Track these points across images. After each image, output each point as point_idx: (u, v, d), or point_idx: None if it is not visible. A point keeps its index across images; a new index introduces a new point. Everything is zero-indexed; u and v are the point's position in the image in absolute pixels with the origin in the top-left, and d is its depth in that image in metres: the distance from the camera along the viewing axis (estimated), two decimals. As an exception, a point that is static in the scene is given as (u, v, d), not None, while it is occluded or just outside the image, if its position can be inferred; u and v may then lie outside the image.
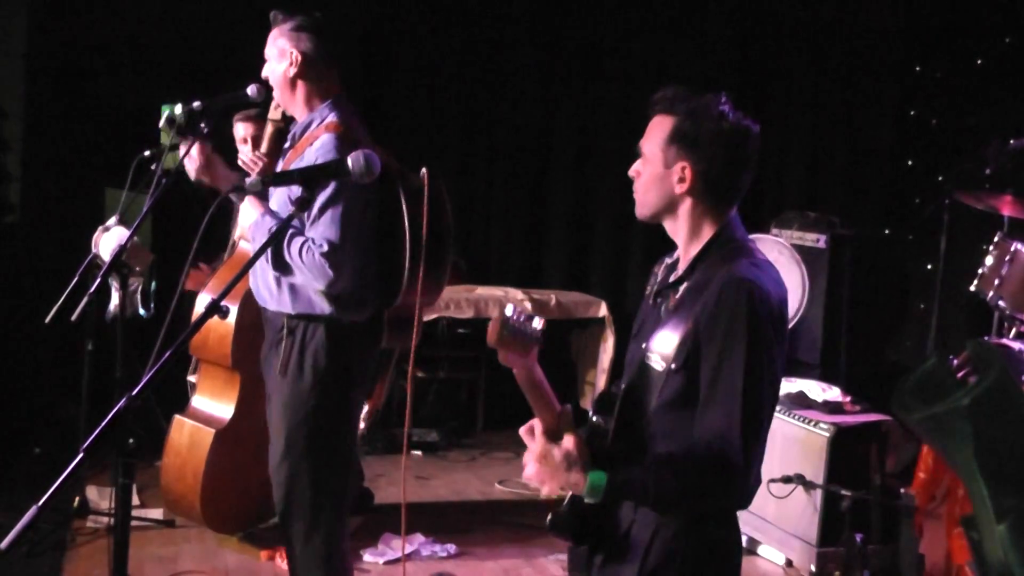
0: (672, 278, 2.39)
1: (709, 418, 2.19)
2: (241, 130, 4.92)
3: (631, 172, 2.40)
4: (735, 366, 2.18)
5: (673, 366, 2.25)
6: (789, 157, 7.91)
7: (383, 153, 3.44)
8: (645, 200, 2.38)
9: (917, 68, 7.46)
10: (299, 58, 3.55)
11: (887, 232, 7.44)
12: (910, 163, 7.55)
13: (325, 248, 3.37)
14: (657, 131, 2.36)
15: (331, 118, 3.54)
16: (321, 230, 3.40)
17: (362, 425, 3.80)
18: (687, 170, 2.32)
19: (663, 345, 2.29)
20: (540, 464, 2.24)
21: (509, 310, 2.39)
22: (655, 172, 2.35)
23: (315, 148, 3.45)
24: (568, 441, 2.24)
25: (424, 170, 3.67)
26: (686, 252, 2.39)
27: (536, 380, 2.51)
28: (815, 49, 7.75)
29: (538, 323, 2.42)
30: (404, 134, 7.46)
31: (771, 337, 2.22)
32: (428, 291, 3.73)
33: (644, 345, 2.35)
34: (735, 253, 2.31)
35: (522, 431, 2.31)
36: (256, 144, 4.69)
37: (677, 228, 2.39)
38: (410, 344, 3.69)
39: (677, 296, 2.35)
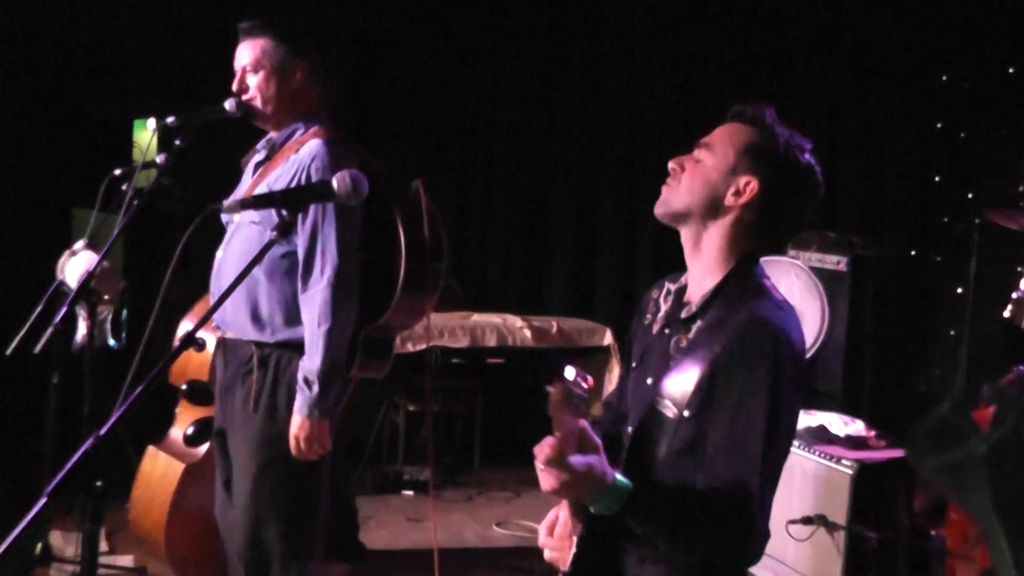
0: (684, 313, 2.37)
1: (724, 468, 2.18)
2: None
3: (677, 162, 2.38)
4: (755, 416, 2.17)
5: (686, 413, 2.24)
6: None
7: (372, 159, 3.46)
8: (688, 191, 2.35)
9: (944, 78, 7.46)
10: (304, 70, 3.59)
11: (913, 254, 7.43)
12: (936, 179, 7.55)
13: (332, 277, 3.39)
14: (738, 136, 2.35)
15: (316, 126, 3.58)
16: (320, 258, 3.41)
17: None
18: (751, 185, 2.31)
19: (676, 389, 2.27)
20: (575, 478, 2.10)
21: (570, 373, 2.20)
22: (718, 169, 2.33)
23: (303, 154, 3.46)
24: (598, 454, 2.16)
25: (418, 181, 3.67)
26: (699, 279, 2.37)
27: (576, 437, 2.19)
28: (833, 58, 7.76)
29: (588, 383, 2.25)
30: (394, 149, 7.48)
31: (792, 385, 2.21)
32: (420, 310, 3.73)
33: (653, 387, 2.33)
34: (755, 291, 2.30)
35: (540, 451, 2.16)
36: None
37: (700, 240, 2.36)
38: (383, 372, 3.69)
39: (690, 335, 2.33)
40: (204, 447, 4.70)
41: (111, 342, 4.82)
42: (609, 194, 7.85)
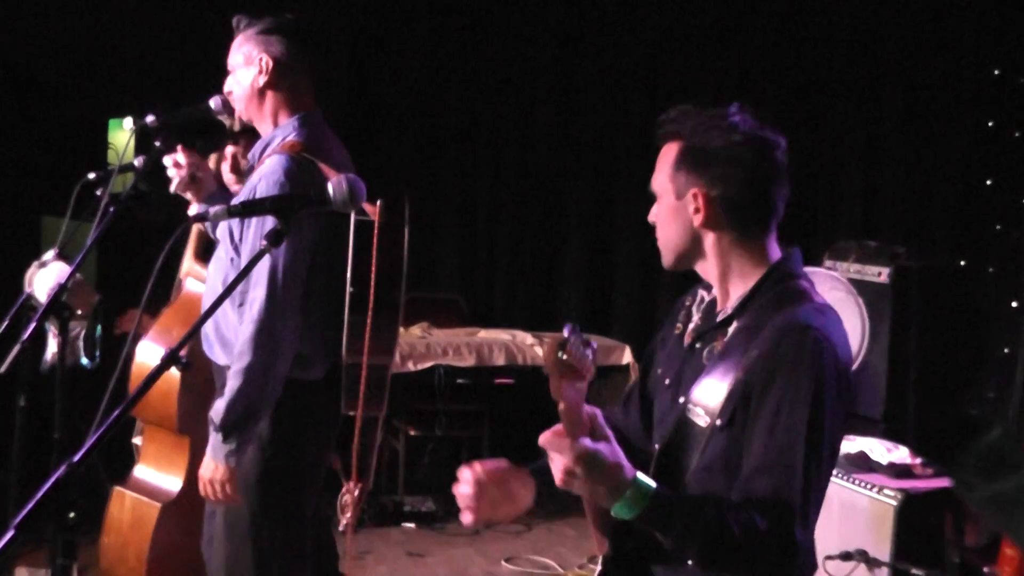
0: (719, 318, 2.38)
1: (761, 484, 2.16)
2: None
3: (650, 218, 2.42)
4: (796, 425, 2.16)
5: (719, 422, 2.24)
6: (844, 178, 7.91)
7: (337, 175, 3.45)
8: (666, 244, 2.39)
9: (996, 72, 7.46)
10: (269, 64, 3.57)
11: (962, 264, 7.41)
12: (988, 183, 7.54)
13: (260, 311, 3.37)
14: (664, 160, 2.37)
15: (293, 136, 3.54)
16: (253, 287, 3.40)
17: (346, 516, 3.75)
18: (700, 197, 2.31)
19: (708, 397, 2.27)
20: (580, 465, 2.10)
21: (567, 330, 2.22)
22: (668, 207, 2.36)
23: (262, 170, 3.45)
24: (610, 443, 2.15)
25: (379, 202, 3.61)
26: (727, 291, 2.38)
27: (583, 416, 2.26)
28: (872, 54, 7.76)
29: (591, 349, 2.23)
30: (396, 153, 7.51)
31: (836, 394, 2.19)
32: (376, 350, 3.60)
33: (683, 398, 2.33)
34: (794, 295, 2.30)
35: (545, 437, 2.18)
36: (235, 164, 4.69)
37: (709, 269, 2.39)
38: (379, 410, 3.65)
39: (725, 339, 2.34)
40: (177, 486, 4.69)
41: (84, 361, 4.82)
42: (627, 199, 7.86)
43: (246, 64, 3.60)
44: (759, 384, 2.20)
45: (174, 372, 4.35)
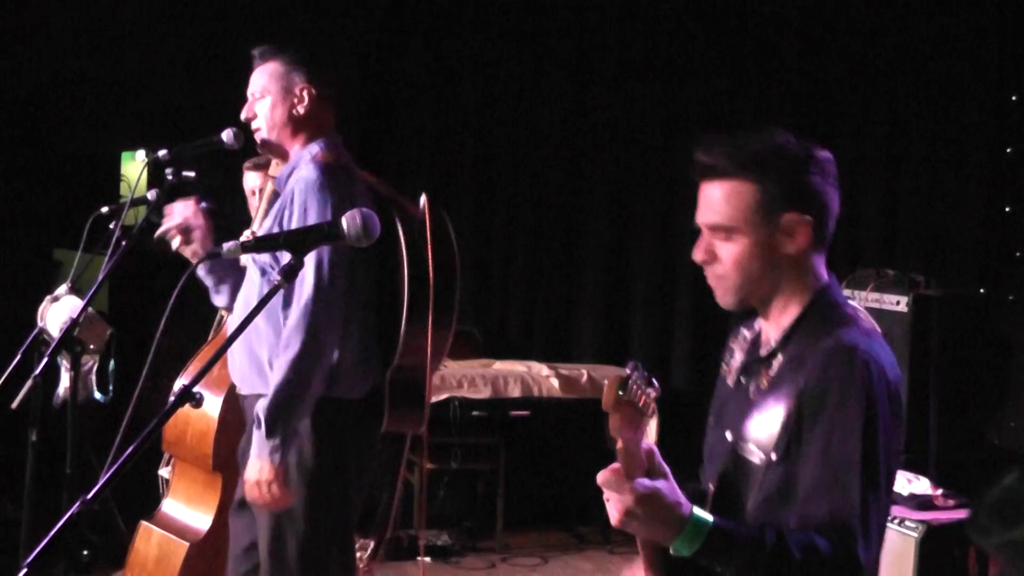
0: (763, 352, 2.37)
1: (818, 509, 2.15)
2: (251, 180, 4.92)
3: (703, 255, 2.37)
4: (849, 446, 2.15)
5: (774, 456, 2.23)
6: (862, 204, 7.89)
7: (378, 182, 3.47)
8: (741, 282, 2.35)
9: (1014, 97, 7.45)
10: (312, 93, 3.61)
11: (982, 292, 7.40)
12: (1007, 210, 7.53)
13: (308, 302, 3.39)
14: (734, 198, 2.33)
15: (319, 153, 3.59)
16: (299, 284, 3.41)
17: (362, 568, 3.77)
18: (803, 222, 2.31)
19: (759, 432, 2.27)
20: (639, 505, 2.09)
21: (630, 367, 2.25)
22: (751, 244, 2.32)
23: (293, 181, 3.48)
24: (668, 481, 2.16)
25: (424, 197, 3.66)
26: (776, 321, 2.37)
27: (641, 454, 2.22)
28: (891, 78, 7.76)
29: (655, 389, 2.25)
30: (408, 183, 7.51)
31: (887, 414, 2.19)
32: (434, 348, 3.69)
33: (732, 436, 2.32)
34: (839, 319, 2.30)
35: (604, 476, 2.15)
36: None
37: (773, 296, 2.36)
38: (420, 427, 3.66)
39: (772, 372, 2.33)
40: (207, 524, 4.67)
41: (97, 396, 4.83)
42: (644, 227, 7.85)
43: (284, 92, 3.63)
44: (810, 410, 2.19)
45: (212, 412, 4.39)
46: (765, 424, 2.26)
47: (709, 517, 2.13)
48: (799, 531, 2.15)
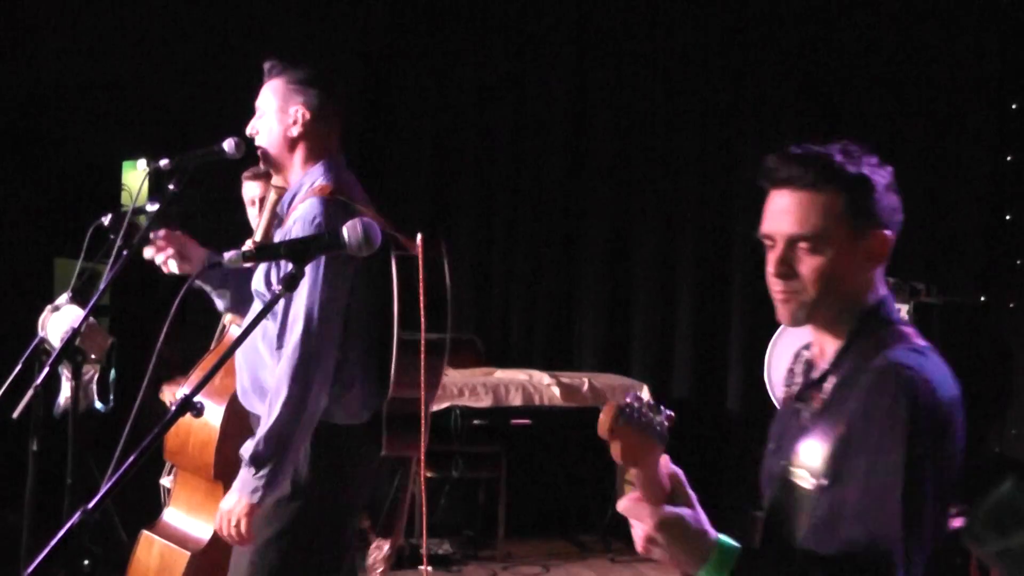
0: (815, 374, 2.34)
1: (858, 533, 2.12)
2: (251, 190, 4.91)
3: (783, 267, 2.28)
4: (892, 472, 2.10)
5: (825, 482, 2.19)
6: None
7: (376, 216, 3.46)
8: (823, 292, 2.27)
9: (1013, 106, 7.46)
10: (306, 116, 3.60)
11: (983, 300, 7.40)
12: (1007, 217, 7.53)
13: (298, 342, 3.38)
14: (824, 208, 2.27)
15: (321, 180, 3.57)
16: (293, 320, 3.41)
17: (376, 573, 3.75)
18: (882, 235, 2.30)
19: (810, 457, 2.23)
20: (662, 533, 2.08)
21: (629, 398, 2.14)
22: (841, 254, 2.27)
23: (297, 214, 3.48)
24: (692, 507, 2.14)
25: (419, 236, 3.65)
26: (832, 340, 2.33)
27: (661, 480, 2.16)
28: (892, 85, 7.77)
29: (664, 416, 2.13)
30: (408, 188, 7.54)
31: (935, 431, 2.15)
32: (427, 382, 3.65)
33: (784, 462, 2.30)
34: (892, 336, 2.26)
35: (625, 504, 2.14)
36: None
37: (837, 313, 2.31)
38: (419, 450, 3.66)
39: (824, 395, 2.30)
40: (208, 533, 4.67)
41: (98, 405, 4.82)
42: (645, 235, 7.86)
43: (280, 112, 3.62)
44: (856, 432, 2.15)
45: (214, 422, 4.40)
46: (815, 449, 2.22)
47: (735, 543, 2.10)
48: (832, 559, 2.12)
